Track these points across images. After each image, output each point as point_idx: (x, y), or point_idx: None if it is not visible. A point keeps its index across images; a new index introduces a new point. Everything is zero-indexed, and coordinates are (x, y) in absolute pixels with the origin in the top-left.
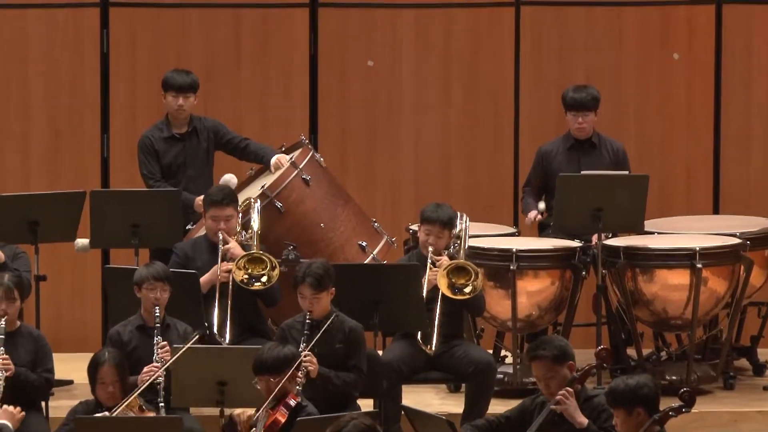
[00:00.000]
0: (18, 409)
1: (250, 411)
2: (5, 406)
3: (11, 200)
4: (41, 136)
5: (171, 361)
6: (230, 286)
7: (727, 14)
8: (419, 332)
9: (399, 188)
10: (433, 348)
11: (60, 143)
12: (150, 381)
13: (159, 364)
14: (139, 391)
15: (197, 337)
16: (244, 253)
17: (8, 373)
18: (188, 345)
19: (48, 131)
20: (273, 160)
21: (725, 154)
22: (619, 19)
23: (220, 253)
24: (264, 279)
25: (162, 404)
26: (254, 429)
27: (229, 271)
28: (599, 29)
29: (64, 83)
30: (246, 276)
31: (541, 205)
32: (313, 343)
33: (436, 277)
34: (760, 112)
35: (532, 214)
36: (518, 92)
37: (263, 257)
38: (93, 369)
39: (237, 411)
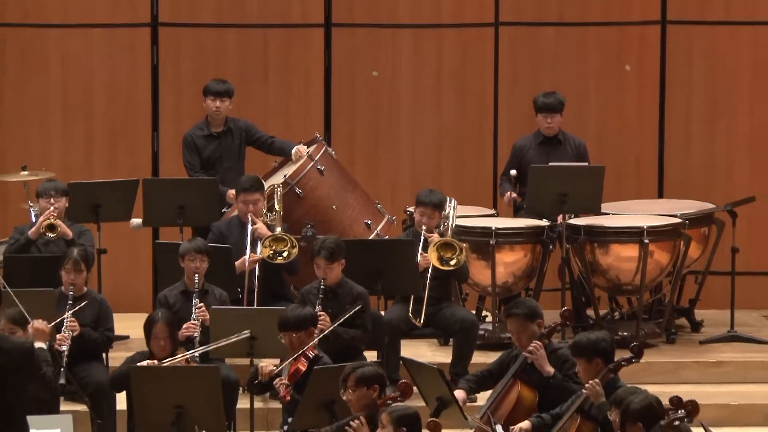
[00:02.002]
0: (45, 322)
1: (272, 366)
2: (35, 324)
3: (78, 187)
4: (102, 134)
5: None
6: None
7: (670, 33)
8: (410, 307)
9: (398, 177)
10: (421, 322)
11: (118, 140)
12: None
13: (197, 322)
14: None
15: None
16: (269, 232)
17: (75, 333)
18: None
19: (108, 130)
20: (293, 150)
21: (668, 149)
22: (582, 36)
23: (249, 232)
24: (285, 254)
25: (197, 357)
26: (279, 378)
27: (255, 262)
28: (565, 45)
29: (122, 90)
30: (271, 252)
31: (513, 172)
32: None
33: (427, 261)
34: (697, 115)
35: (507, 195)
36: (497, 97)
37: (285, 237)
38: (148, 326)
39: (262, 363)
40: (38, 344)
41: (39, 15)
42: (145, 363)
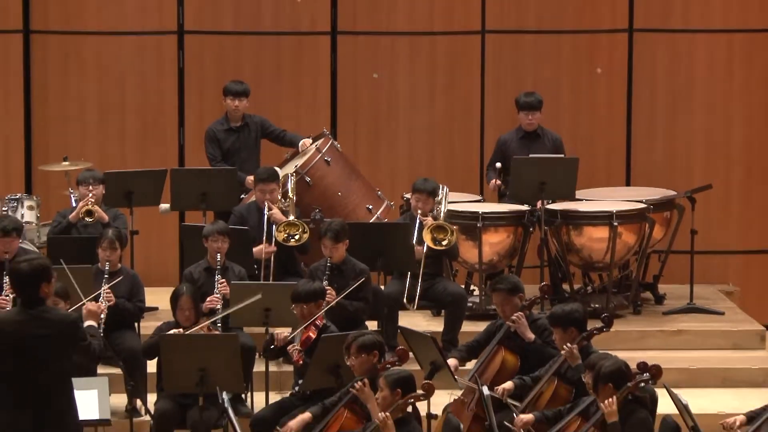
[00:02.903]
0: (98, 304)
1: (286, 333)
2: (88, 306)
3: (113, 176)
4: (134, 128)
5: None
6: (273, 241)
7: (636, 39)
8: (406, 291)
9: (396, 167)
10: (415, 307)
11: (148, 134)
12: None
13: (219, 296)
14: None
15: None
16: (284, 217)
17: (110, 303)
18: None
19: (139, 125)
20: (300, 142)
21: (634, 142)
22: (558, 43)
23: (265, 216)
24: (297, 238)
25: (219, 324)
26: (292, 344)
27: (270, 253)
28: (543, 50)
29: (151, 90)
30: (285, 235)
31: (498, 165)
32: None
33: (421, 252)
34: (660, 112)
35: (492, 183)
36: (483, 97)
37: (297, 223)
38: (174, 299)
39: (277, 330)
40: (89, 323)
41: (78, 23)
42: (173, 332)
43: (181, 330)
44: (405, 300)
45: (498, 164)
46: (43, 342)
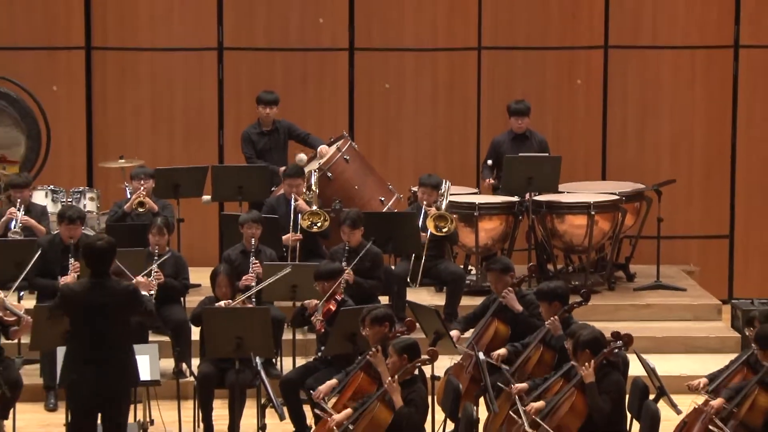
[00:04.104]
0: (148, 279)
1: (315, 301)
2: (138, 279)
3: (162, 171)
4: (181, 131)
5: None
6: (299, 228)
7: (611, 55)
8: (410, 270)
9: (404, 164)
10: (417, 285)
11: (192, 136)
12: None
13: (253, 275)
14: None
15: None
16: (308, 207)
17: (160, 281)
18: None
19: (185, 128)
20: (319, 148)
21: (609, 143)
22: (543, 58)
23: (292, 206)
24: (319, 225)
25: (253, 299)
26: (316, 313)
27: (296, 240)
28: (531, 65)
29: (195, 98)
30: (309, 223)
31: (489, 161)
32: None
33: (424, 237)
34: (631, 117)
35: (487, 180)
36: (479, 104)
37: (320, 212)
38: (213, 277)
39: (307, 301)
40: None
41: (132, 41)
42: (217, 305)
43: (222, 304)
44: (408, 279)
45: (489, 161)
46: (108, 308)
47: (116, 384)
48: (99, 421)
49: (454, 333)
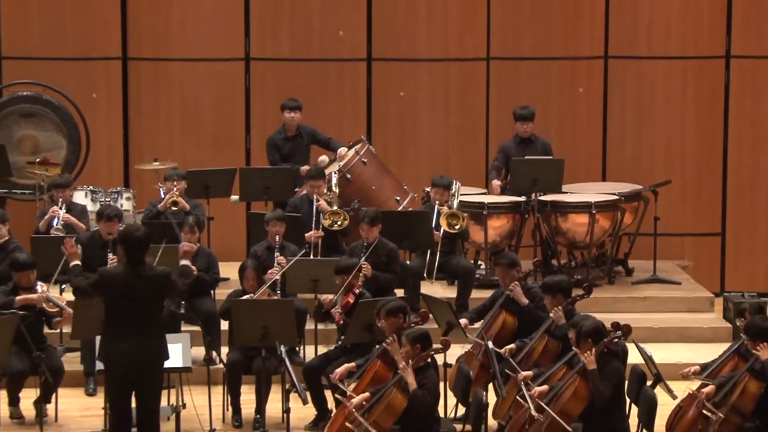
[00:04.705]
0: (191, 244)
1: (331, 297)
2: (185, 245)
3: (193, 173)
4: (210, 136)
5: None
6: (320, 227)
7: (610, 64)
8: (426, 266)
9: (418, 166)
10: (433, 281)
11: (221, 140)
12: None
13: (278, 269)
14: (269, 283)
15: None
16: (329, 207)
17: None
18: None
19: (214, 133)
20: (339, 150)
21: (609, 147)
22: (548, 68)
23: (314, 206)
24: (339, 224)
25: (277, 292)
26: (335, 307)
27: (318, 237)
28: (536, 74)
29: (224, 105)
30: (330, 221)
31: (497, 182)
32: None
33: (438, 236)
34: (629, 122)
35: (495, 182)
36: (488, 110)
37: (340, 212)
38: (241, 271)
39: (322, 297)
40: (184, 261)
41: (165, 52)
42: (244, 298)
43: (251, 296)
44: (425, 274)
45: (497, 163)
46: (144, 291)
47: (149, 362)
48: (134, 405)
49: (463, 322)
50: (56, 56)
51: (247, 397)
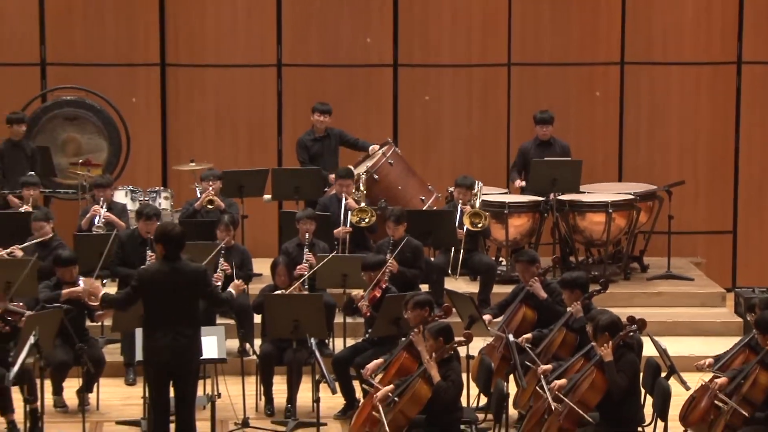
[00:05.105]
0: (241, 282)
1: (359, 291)
2: (234, 282)
3: (229, 173)
4: (244, 138)
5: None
6: (348, 225)
7: (626, 69)
8: (450, 263)
9: (442, 167)
10: (457, 276)
11: (254, 142)
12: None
13: (306, 265)
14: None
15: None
16: (357, 205)
17: (227, 272)
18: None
19: (248, 135)
20: (370, 148)
21: (625, 148)
22: (566, 73)
23: (343, 204)
24: (367, 221)
25: (306, 287)
26: (363, 300)
27: (346, 232)
28: (555, 79)
29: (257, 109)
30: (358, 219)
31: (518, 183)
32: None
33: (462, 234)
34: (644, 125)
35: (517, 182)
36: (509, 113)
37: (367, 209)
38: (273, 267)
39: (353, 293)
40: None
41: (201, 59)
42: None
43: (283, 291)
44: (450, 271)
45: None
46: (180, 286)
47: (187, 356)
48: (172, 395)
49: (486, 317)
50: (98, 62)
51: (279, 387)
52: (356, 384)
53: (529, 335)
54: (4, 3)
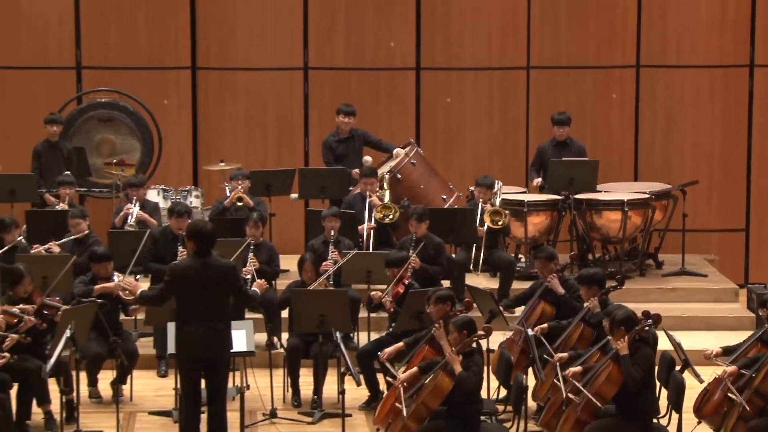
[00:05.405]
0: (263, 281)
1: (379, 293)
2: (258, 281)
3: (257, 173)
4: (272, 139)
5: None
6: (373, 221)
7: (642, 72)
8: (472, 259)
9: (464, 166)
10: (479, 272)
11: (282, 142)
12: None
13: (332, 261)
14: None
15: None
16: (381, 202)
17: (255, 267)
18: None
19: (276, 136)
20: (394, 151)
21: (641, 149)
22: (583, 76)
23: (367, 202)
24: (390, 217)
25: (332, 282)
26: (386, 296)
27: (370, 229)
28: (573, 81)
29: (284, 111)
30: (382, 215)
31: (537, 181)
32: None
33: (482, 231)
34: (660, 126)
35: (535, 181)
36: (528, 115)
37: (391, 206)
38: (300, 263)
39: (372, 293)
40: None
41: (231, 62)
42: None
43: (309, 287)
44: (471, 267)
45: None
46: (211, 281)
47: (218, 348)
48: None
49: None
50: (131, 66)
51: (306, 379)
52: (380, 376)
53: (544, 325)
54: (43, 10)
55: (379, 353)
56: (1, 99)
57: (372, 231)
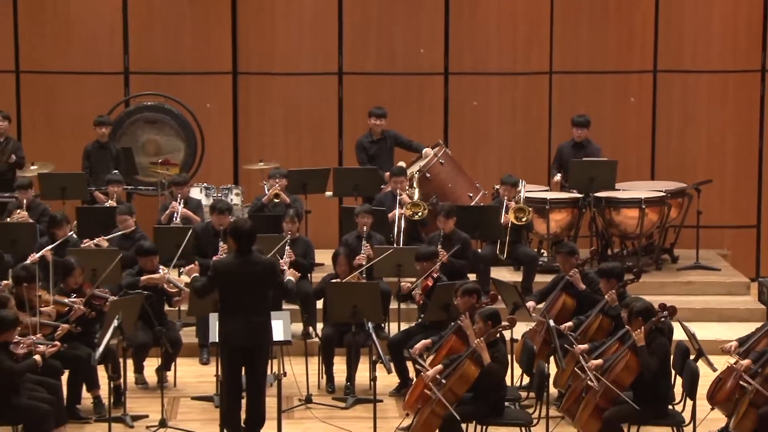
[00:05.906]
0: (293, 270)
1: (408, 284)
2: (289, 270)
3: (293, 172)
4: (308, 140)
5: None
6: (402, 219)
7: (659, 77)
8: (498, 248)
9: (489, 166)
10: (504, 256)
11: (317, 143)
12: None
13: (365, 256)
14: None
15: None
16: (410, 200)
17: (291, 260)
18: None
19: (312, 137)
20: (423, 150)
21: (657, 149)
22: (603, 79)
23: (398, 200)
24: (420, 214)
25: (364, 275)
26: (416, 289)
27: (401, 216)
28: (593, 86)
29: (319, 113)
30: (411, 212)
31: (557, 177)
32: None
33: (507, 220)
34: (675, 128)
35: (556, 177)
36: (550, 117)
37: (420, 203)
38: (334, 257)
39: (403, 283)
40: (289, 278)
41: (269, 67)
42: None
43: (344, 279)
44: (498, 252)
45: (558, 174)
46: (252, 276)
47: (258, 339)
48: (243, 373)
49: (530, 304)
50: (176, 71)
51: (339, 367)
52: (410, 364)
53: (570, 323)
54: (93, 19)
55: (410, 350)
56: (55, 102)
57: (401, 218)
